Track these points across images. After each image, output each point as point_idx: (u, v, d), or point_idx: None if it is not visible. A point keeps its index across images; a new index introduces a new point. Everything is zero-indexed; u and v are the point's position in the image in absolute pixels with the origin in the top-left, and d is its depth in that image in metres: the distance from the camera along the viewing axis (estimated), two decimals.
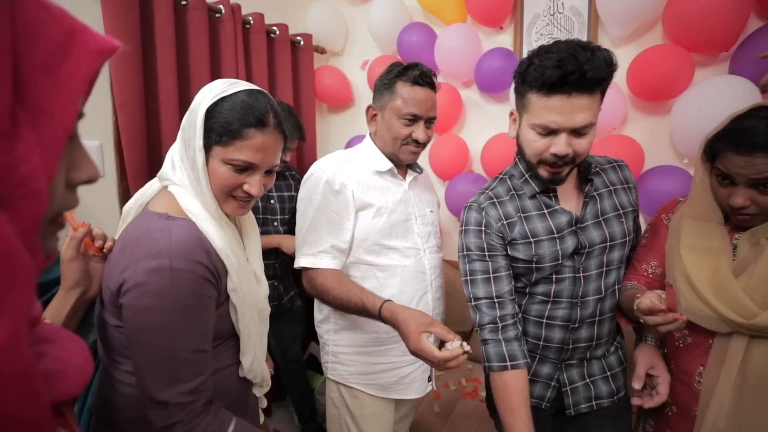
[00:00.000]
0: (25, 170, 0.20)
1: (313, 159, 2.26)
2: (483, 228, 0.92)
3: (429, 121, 1.08)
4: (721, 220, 0.86)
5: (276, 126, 0.73)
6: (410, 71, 1.04)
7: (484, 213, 0.93)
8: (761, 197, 0.76)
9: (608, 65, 0.77)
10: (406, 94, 1.03)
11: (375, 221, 1.06)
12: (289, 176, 1.84)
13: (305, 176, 1.10)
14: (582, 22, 1.72)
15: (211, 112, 0.69)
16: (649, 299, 0.76)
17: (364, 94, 2.33)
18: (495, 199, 0.94)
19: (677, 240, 0.89)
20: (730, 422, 0.79)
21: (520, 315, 0.94)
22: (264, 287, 0.86)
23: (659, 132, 1.59)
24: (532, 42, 1.82)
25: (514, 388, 0.85)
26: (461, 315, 1.53)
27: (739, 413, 0.79)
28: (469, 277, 0.93)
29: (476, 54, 1.83)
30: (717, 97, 1.33)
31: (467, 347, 0.78)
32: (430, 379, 1.19)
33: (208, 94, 0.70)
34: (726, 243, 0.84)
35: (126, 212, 0.77)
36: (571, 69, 0.74)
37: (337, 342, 1.13)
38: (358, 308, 0.94)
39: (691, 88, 1.44)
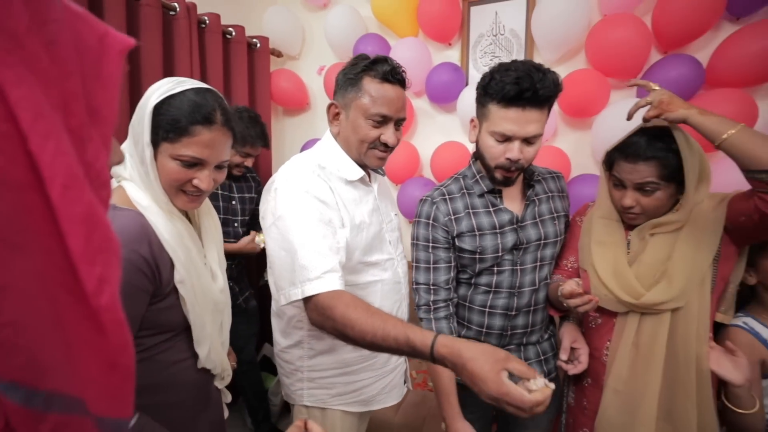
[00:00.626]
0: (99, 165, 0.25)
1: (268, 160, 2.28)
2: (431, 221, 1.04)
3: (399, 123, 0.98)
4: (619, 219, 1.03)
5: (224, 123, 0.75)
6: (379, 66, 0.92)
7: (434, 207, 1.05)
8: (644, 199, 0.94)
9: (555, 86, 0.92)
10: (375, 92, 0.91)
11: (358, 239, 0.96)
12: (251, 178, 1.87)
13: (270, 188, 0.94)
14: (520, 44, 1.91)
15: (159, 109, 0.70)
16: (570, 285, 0.91)
17: (320, 99, 2.38)
18: (447, 196, 1.06)
19: (588, 237, 1.05)
20: (627, 385, 0.96)
21: (455, 300, 1.06)
22: (220, 282, 0.86)
23: (583, 144, 1.81)
24: (477, 59, 1.99)
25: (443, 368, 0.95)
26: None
27: (633, 377, 0.95)
28: (414, 264, 1.06)
29: (427, 67, 1.96)
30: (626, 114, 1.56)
31: (551, 384, 0.65)
32: (406, 381, 1.18)
33: (157, 91, 0.72)
34: (622, 238, 1.01)
35: None
36: (526, 86, 0.87)
37: (315, 367, 1.03)
38: (398, 345, 0.73)
39: (608, 107, 1.67)
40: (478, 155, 1.05)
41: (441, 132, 2.07)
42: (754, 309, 0.98)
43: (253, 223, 1.80)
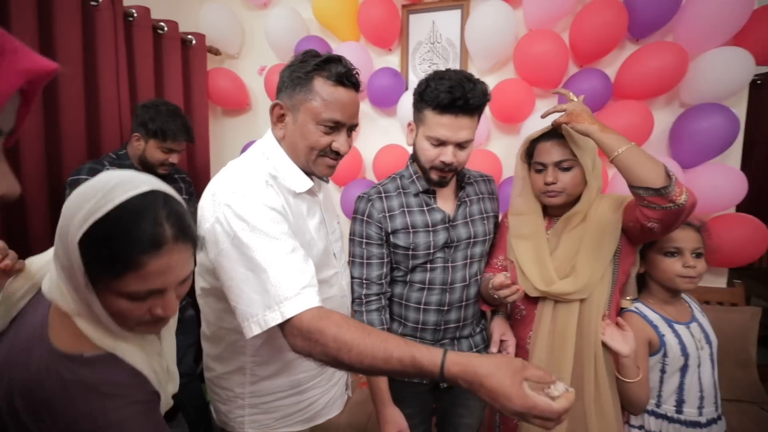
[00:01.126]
0: None
1: (206, 162, 2.19)
2: (365, 218, 1.08)
3: (351, 129, 0.91)
4: (539, 213, 1.13)
5: (176, 237, 0.58)
6: (332, 66, 0.84)
7: (370, 205, 1.08)
8: (562, 175, 1.04)
9: (484, 95, 0.99)
10: (328, 95, 0.83)
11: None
12: (179, 179, 1.76)
13: (212, 200, 0.79)
14: (456, 53, 2.02)
15: (86, 243, 0.54)
16: (499, 278, 0.98)
17: (261, 100, 2.34)
18: (383, 194, 1.10)
19: (510, 232, 1.15)
20: (546, 369, 1.05)
21: (388, 294, 1.11)
22: (174, 382, 0.76)
23: (513, 148, 1.95)
24: (416, 65, 2.07)
25: None
26: None
27: (551, 361, 1.05)
28: (350, 258, 1.10)
29: (368, 71, 2.00)
30: (550, 121, 1.71)
31: (571, 389, 0.61)
32: (347, 388, 1.16)
33: (77, 215, 0.54)
34: (542, 230, 1.11)
35: (15, 289, 0.65)
36: (459, 95, 0.93)
37: (258, 392, 0.95)
38: (403, 367, 0.66)
39: (534, 114, 1.82)
40: (415, 157, 1.10)
41: (383, 135, 2.12)
42: (644, 296, 1.13)
43: None
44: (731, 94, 1.65)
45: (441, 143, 1.00)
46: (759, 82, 2.97)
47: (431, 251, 1.07)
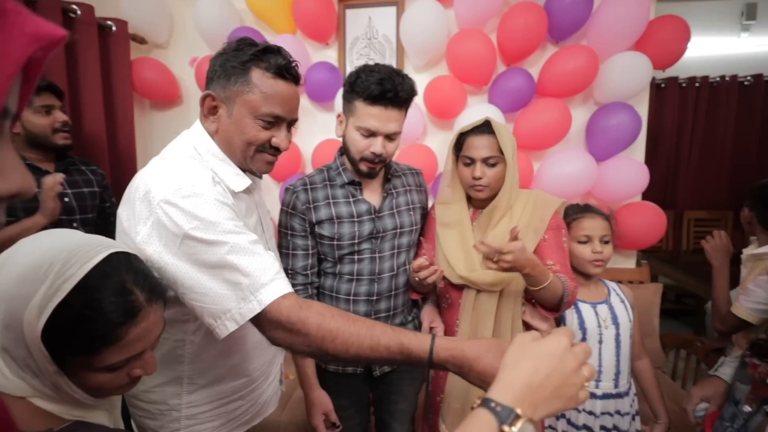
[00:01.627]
0: None
1: (131, 158, 2.05)
2: (290, 210, 1.09)
3: (291, 124, 0.87)
4: (465, 202, 1.19)
5: (149, 298, 0.56)
6: (271, 57, 0.79)
7: (294, 197, 1.09)
8: (489, 170, 1.09)
9: (412, 89, 1.03)
10: (267, 88, 0.78)
11: None
12: (88, 171, 1.56)
13: (148, 203, 0.71)
14: (392, 49, 2.05)
15: (50, 334, 0.49)
16: (419, 261, 1.02)
17: (193, 92, 2.23)
18: (309, 186, 1.10)
19: (437, 221, 1.20)
20: None
21: (315, 284, 1.12)
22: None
23: (448, 143, 2.02)
24: (353, 60, 2.08)
25: None
26: None
27: None
28: (277, 249, 1.10)
29: (305, 65, 1.98)
30: (481, 116, 1.79)
31: None
32: (281, 381, 1.14)
33: (29, 305, 0.48)
34: (467, 219, 1.17)
35: None
36: (389, 87, 0.97)
37: (196, 402, 0.89)
38: (390, 354, 0.65)
39: (466, 110, 1.90)
40: (344, 149, 1.11)
41: (321, 129, 2.11)
42: None
43: (105, 224, 1.59)
44: (635, 94, 1.83)
45: (371, 134, 1.02)
46: (663, 85, 3.33)
47: (356, 241, 1.09)
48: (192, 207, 0.69)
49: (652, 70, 1.77)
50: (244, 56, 0.78)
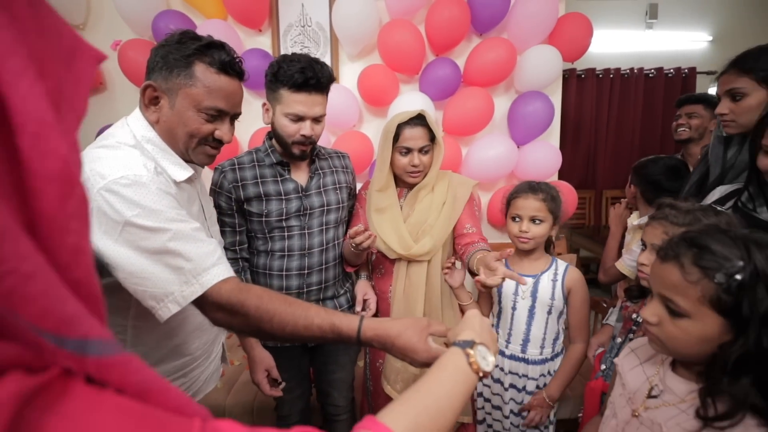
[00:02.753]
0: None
1: None
2: (216, 188, 1.14)
3: (234, 117, 0.89)
4: (394, 187, 1.29)
5: None
6: (215, 53, 0.81)
7: (222, 176, 1.14)
8: (424, 157, 1.21)
9: (331, 76, 1.12)
10: (211, 83, 0.80)
11: None
12: None
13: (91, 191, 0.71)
14: (326, 37, 2.08)
15: None
16: (355, 228, 1.10)
17: (117, 78, 2.11)
18: (237, 166, 1.15)
19: (370, 206, 1.29)
20: (403, 317, 1.23)
21: (246, 259, 1.20)
22: None
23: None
24: (288, 47, 2.08)
25: None
26: None
27: (407, 309, 1.24)
28: None
29: (237, 51, 1.95)
30: (413, 104, 1.89)
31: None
32: (224, 359, 1.14)
33: None
34: (396, 202, 1.28)
35: None
36: (311, 75, 1.05)
37: None
38: (322, 333, 0.71)
39: (399, 97, 1.99)
40: (273, 134, 1.17)
41: (257, 117, 2.06)
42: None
43: None
44: (548, 84, 2.02)
45: (299, 119, 1.09)
46: (582, 76, 3.64)
47: (284, 218, 1.16)
48: (134, 195, 0.71)
49: (562, 62, 1.96)
50: (187, 50, 0.79)
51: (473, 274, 1.10)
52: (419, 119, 1.22)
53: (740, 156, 1.04)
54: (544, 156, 2.02)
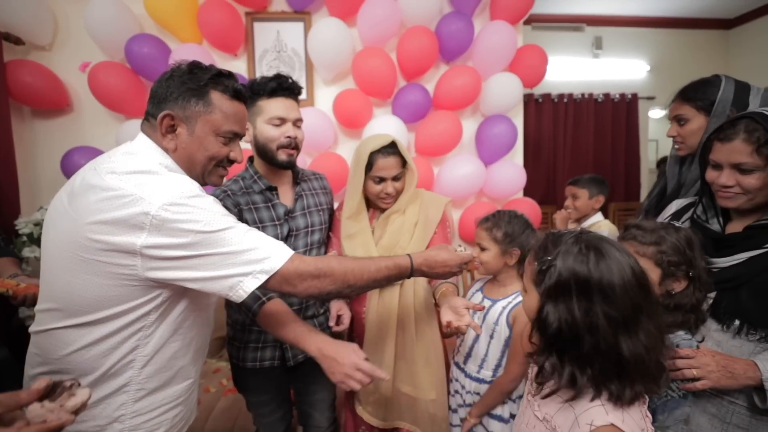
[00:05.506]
0: None
1: (11, 170, 1.84)
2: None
3: (240, 139, 0.97)
4: (365, 212, 1.32)
5: None
6: (227, 81, 0.89)
7: (221, 203, 1.12)
8: (397, 184, 1.26)
9: (300, 87, 1.20)
10: (228, 109, 0.87)
11: None
12: None
13: (138, 221, 0.74)
14: (301, 62, 2.16)
15: None
16: (329, 253, 1.14)
17: (85, 100, 2.07)
18: (230, 193, 1.15)
19: (342, 232, 1.31)
20: (376, 337, 1.26)
21: None
22: None
23: None
24: (263, 71, 2.13)
25: (279, 309, 1.05)
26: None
27: (381, 330, 1.27)
28: None
29: None
30: (386, 127, 1.98)
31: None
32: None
33: None
34: (368, 227, 1.31)
35: None
36: (283, 80, 1.15)
37: (141, 410, 0.87)
38: (389, 271, 0.94)
39: (372, 120, 2.08)
40: (258, 151, 1.18)
41: None
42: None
43: None
44: (511, 108, 2.19)
45: (282, 121, 1.14)
46: (540, 100, 3.92)
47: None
48: (200, 204, 0.78)
49: (522, 88, 2.13)
50: (201, 80, 0.85)
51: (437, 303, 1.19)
52: (392, 147, 1.24)
53: (691, 174, 1.17)
54: (511, 174, 2.16)
